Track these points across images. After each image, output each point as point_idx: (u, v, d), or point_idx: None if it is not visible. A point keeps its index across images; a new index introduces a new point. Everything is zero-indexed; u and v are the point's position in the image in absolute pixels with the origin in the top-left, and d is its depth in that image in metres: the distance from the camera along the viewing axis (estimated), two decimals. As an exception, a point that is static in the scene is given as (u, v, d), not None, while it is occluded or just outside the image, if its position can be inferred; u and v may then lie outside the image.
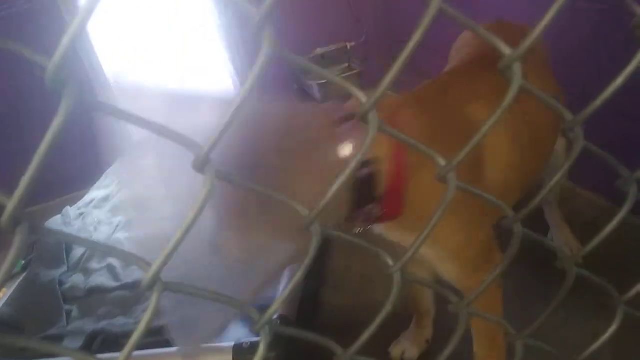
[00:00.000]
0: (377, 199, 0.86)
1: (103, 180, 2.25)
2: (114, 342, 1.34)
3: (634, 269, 1.37)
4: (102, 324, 1.41)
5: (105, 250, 0.38)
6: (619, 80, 0.42)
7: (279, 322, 1.20)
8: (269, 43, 0.32)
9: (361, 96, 0.40)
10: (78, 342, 1.35)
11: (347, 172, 0.38)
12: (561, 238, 1.59)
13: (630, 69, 0.42)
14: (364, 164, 0.83)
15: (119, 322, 1.40)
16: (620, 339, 0.62)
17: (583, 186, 1.84)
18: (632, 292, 0.52)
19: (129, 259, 0.40)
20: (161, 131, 0.37)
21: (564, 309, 0.56)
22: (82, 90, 0.31)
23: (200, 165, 0.36)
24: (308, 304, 1.44)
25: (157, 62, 2.61)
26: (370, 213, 0.88)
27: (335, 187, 0.38)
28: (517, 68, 0.42)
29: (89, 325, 1.42)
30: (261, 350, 0.44)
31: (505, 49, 0.42)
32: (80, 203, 2.12)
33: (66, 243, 1.81)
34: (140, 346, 0.40)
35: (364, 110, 0.40)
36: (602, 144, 0.48)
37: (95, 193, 2.17)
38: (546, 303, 1.45)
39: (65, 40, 0.31)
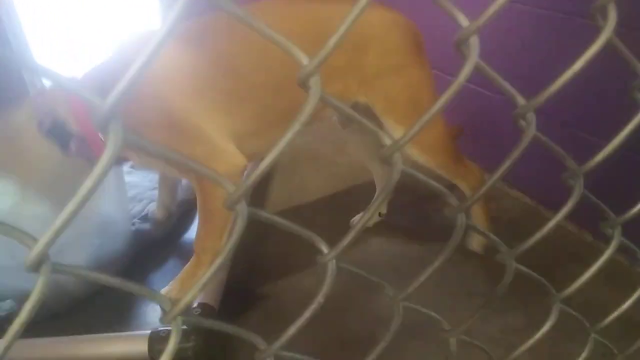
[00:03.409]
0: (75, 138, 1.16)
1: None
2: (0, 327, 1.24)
3: (554, 266, 1.42)
4: None
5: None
6: (577, 65, 0.39)
7: (199, 311, 1.14)
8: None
9: (302, 57, 0.35)
10: (-37, 325, 1.24)
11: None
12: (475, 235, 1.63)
13: (589, 53, 0.39)
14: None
15: (6, 306, 1.30)
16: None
17: (511, 185, 1.90)
18: (570, 290, 0.51)
19: (11, 234, 0.33)
20: (61, 81, 0.30)
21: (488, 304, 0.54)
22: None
23: (103, 123, 0.30)
24: (233, 292, 1.38)
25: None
26: (81, 149, 1.17)
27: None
28: (473, 42, 0.38)
29: (-24, 306, 1.31)
30: (170, 344, 0.38)
31: (463, 20, 0.38)
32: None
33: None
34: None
35: (304, 74, 0.35)
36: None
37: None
38: (466, 296, 1.45)
39: None
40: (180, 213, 1.67)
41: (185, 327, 0.38)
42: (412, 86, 1.39)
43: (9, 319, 1.25)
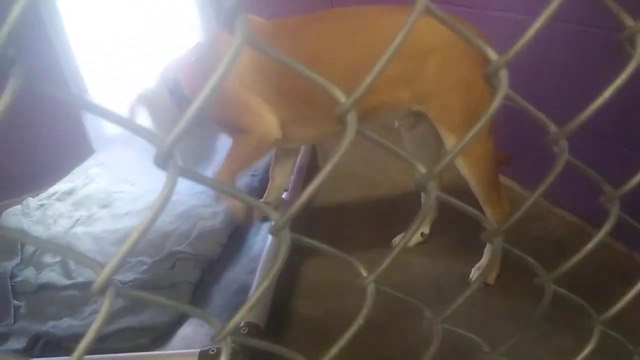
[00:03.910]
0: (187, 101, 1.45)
1: (70, 177, 2.19)
2: (57, 345, 1.30)
3: (603, 286, 1.37)
4: (47, 325, 1.35)
5: (54, 249, 0.34)
6: (608, 93, 0.40)
7: (246, 329, 1.17)
8: (242, 28, 0.29)
9: (339, 95, 0.38)
10: (22, 343, 1.30)
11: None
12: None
13: (618, 82, 0.40)
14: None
15: (63, 325, 1.35)
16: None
17: (557, 204, 1.86)
18: (610, 313, 0.51)
19: (79, 259, 0.37)
20: (124, 124, 0.34)
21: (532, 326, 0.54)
22: (52, 79, 0.28)
23: (163, 160, 0.33)
24: (277, 312, 1.41)
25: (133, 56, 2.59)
26: None
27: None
28: (502, 75, 0.40)
29: (35, 325, 1.36)
30: (222, 363, 0.41)
31: (492, 54, 0.40)
32: (43, 195, 2.06)
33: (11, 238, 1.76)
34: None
35: (342, 110, 0.37)
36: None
37: (59, 186, 2.11)
38: (513, 318, 1.42)
39: (14, 12, 0.28)
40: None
41: (233, 345, 0.41)
42: (473, 98, 1.38)
43: (66, 337, 1.30)
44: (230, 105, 1.44)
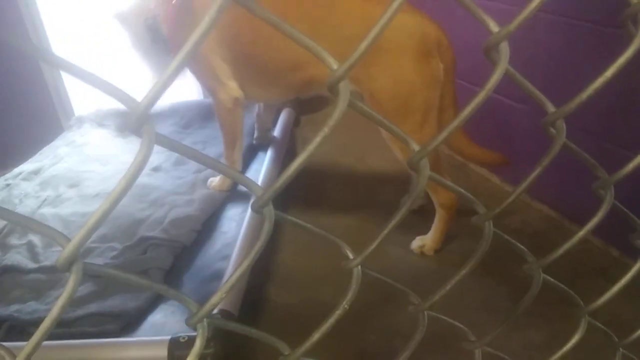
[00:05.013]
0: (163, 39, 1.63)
1: (37, 156, 2.12)
2: (21, 330, 1.25)
3: (581, 281, 1.39)
4: (11, 308, 1.30)
5: (18, 220, 0.31)
6: (609, 72, 0.39)
7: (219, 317, 1.14)
8: None
9: (331, 62, 0.35)
10: (-16, 327, 1.26)
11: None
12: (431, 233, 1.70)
13: (621, 60, 0.38)
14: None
15: (28, 309, 1.30)
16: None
17: (535, 198, 1.87)
18: (598, 303, 0.50)
19: (45, 232, 0.34)
20: (96, 83, 0.31)
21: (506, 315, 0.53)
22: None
23: (136, 125, 0.30)
24: (251, 300, 1.38)
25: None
26: (163, 47, 1.63)
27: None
28: (504, 48, 0.38)
29: (-1, 308, 1.32)
30: (197, 346, 0.38)
31: (494, 26, 0.38)
32: (9, 175, 1.98)
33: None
34: (52, 336, 0.34)
35: (334, 78, 0.35)
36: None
37: (26, 166, 2.04)
38: (487, 310, 1.41)
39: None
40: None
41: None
42: (401, 92, 1.43)
43: (32, 321, 1.25)
44: (199, 66, 1.63)
